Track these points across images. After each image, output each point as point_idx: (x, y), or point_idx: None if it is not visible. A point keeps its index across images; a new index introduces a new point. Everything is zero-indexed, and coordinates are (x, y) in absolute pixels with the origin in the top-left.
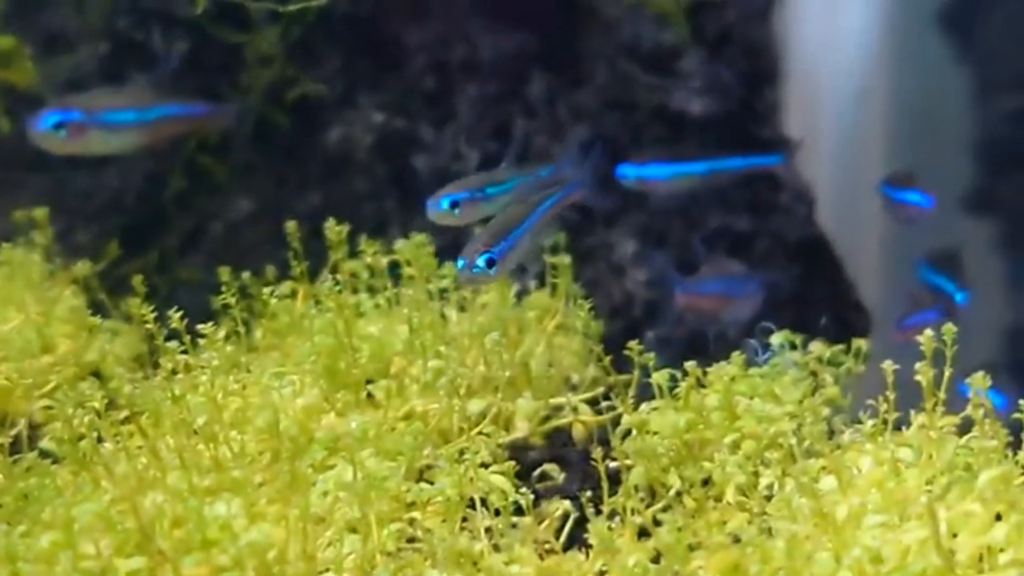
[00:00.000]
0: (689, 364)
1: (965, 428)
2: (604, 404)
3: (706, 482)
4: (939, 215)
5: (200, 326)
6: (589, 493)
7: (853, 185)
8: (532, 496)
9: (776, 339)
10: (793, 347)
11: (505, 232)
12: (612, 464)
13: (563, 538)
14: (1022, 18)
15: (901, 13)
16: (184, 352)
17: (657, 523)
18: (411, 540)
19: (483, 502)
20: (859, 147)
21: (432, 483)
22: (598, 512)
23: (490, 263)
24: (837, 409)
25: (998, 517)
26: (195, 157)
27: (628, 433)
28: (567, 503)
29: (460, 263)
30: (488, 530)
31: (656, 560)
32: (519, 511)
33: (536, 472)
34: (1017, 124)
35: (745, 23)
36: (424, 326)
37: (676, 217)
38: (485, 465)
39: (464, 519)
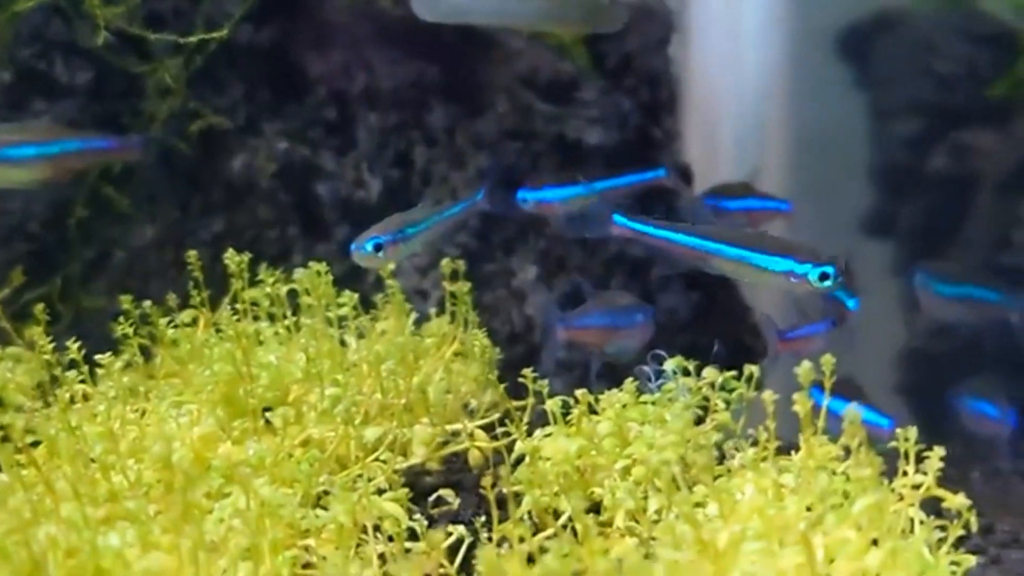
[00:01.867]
0: (580, 391)
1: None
2: (500, 430)
3: (597, 508)
4: (840, 239)
5: (99, 356)
6: (484, 518)
7: None
8: (427, 521)
9: (669, 365)
10: (687, 373)
11: (399, 227)
12: (505, 490)
13: (457, 562)
14: (917, 45)
15: (800, 41)
16: (83, 381)
17: (543, 549)
18: (306, 566)
19: (376, 528)
20: (759, 173)
21: (327, 509)
22: (491, 538)
23: (377, 248)
24: (729, 434)
25: (875, 543)
26: (98, 184)
27: (521, 459)
28: (461, 528)
29: (353, 246)
30: (382, 556)
31: None
32: (414, 536)
33: (432, 497)
34: (913, 149)
35: (645, 52)
36: (323, 354)
37: (575, 243)
38: (381, 491)
39: (360, 544)
